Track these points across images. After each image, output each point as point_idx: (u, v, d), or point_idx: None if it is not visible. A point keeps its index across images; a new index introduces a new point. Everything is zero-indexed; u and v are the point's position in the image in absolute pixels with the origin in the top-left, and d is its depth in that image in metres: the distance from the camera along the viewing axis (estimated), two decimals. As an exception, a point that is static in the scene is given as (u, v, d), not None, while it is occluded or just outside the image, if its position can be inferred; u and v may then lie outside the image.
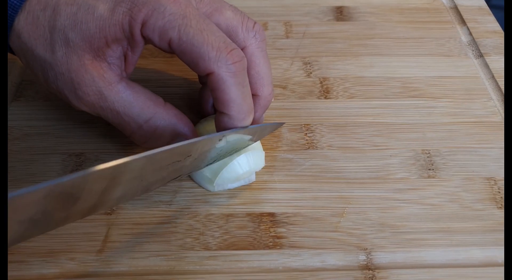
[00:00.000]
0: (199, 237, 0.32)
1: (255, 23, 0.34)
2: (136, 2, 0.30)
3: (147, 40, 0.31)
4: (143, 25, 0.30)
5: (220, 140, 0.30)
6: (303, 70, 0.44)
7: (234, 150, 0.33)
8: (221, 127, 0.32)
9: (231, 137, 0.31)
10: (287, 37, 0.47)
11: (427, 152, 0.38)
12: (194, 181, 0.35)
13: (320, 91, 0.42)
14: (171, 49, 0.31)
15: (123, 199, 0.30)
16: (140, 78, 0.35)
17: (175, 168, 0.30)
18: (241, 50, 0.31)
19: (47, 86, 0.33)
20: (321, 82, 0.43)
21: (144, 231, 0.33)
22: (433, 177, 0.36)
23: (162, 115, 0.32)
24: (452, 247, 0.32)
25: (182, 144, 0.28)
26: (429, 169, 0.37)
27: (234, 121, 0.31)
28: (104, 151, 0.37)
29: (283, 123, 0.38)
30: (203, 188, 0.35)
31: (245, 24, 0.34)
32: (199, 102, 0.36)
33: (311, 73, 0.44)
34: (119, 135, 0.38)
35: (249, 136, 0.33)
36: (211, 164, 0.33)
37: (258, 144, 0.35)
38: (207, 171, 0.34)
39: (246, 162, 0.34)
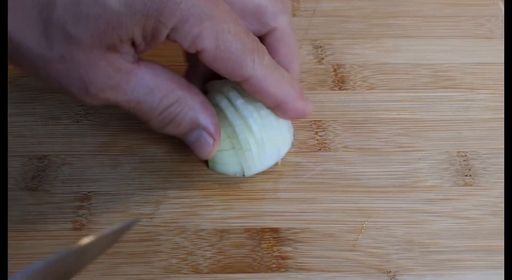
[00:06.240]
0: (187, 257, 0.32)
1: None
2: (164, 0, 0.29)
3: (171, 40, 0.31)
4: (173, 30, 0.30)
5: None
6: (313, 56, 0.44)
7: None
8: (289, 118, 0.36)
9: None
10: (294, 15, 0.47)
11: (463, 154, 0.38)
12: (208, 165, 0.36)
13: (333, 81, 0.42)
14: (198, 56, 0.31)
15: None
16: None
17: None
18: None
19: (46, 82, 0.32)
20: (335, 70, 0.43)
21: (121, 250, 0.32)
22: (471, 185, 0.36)
23: (186, 100, 0.33)
24: (493, 270, 0.32)
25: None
26: (466, 175, 0.37)
27: (295, 108, 0.35)
28: (72, 152, 0.37)
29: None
30: (223, 172, 0.36)
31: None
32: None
33: (323, 59, 0.44)
34: (90, 134, 0.38)
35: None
36: None
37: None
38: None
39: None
